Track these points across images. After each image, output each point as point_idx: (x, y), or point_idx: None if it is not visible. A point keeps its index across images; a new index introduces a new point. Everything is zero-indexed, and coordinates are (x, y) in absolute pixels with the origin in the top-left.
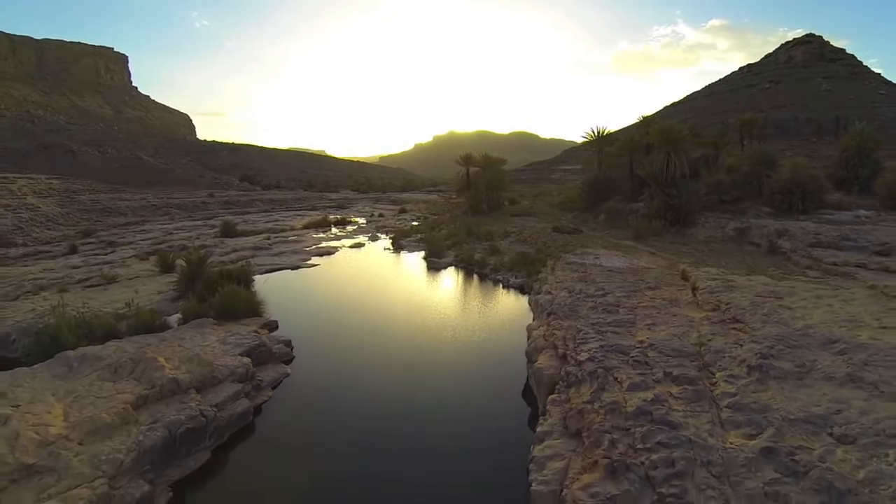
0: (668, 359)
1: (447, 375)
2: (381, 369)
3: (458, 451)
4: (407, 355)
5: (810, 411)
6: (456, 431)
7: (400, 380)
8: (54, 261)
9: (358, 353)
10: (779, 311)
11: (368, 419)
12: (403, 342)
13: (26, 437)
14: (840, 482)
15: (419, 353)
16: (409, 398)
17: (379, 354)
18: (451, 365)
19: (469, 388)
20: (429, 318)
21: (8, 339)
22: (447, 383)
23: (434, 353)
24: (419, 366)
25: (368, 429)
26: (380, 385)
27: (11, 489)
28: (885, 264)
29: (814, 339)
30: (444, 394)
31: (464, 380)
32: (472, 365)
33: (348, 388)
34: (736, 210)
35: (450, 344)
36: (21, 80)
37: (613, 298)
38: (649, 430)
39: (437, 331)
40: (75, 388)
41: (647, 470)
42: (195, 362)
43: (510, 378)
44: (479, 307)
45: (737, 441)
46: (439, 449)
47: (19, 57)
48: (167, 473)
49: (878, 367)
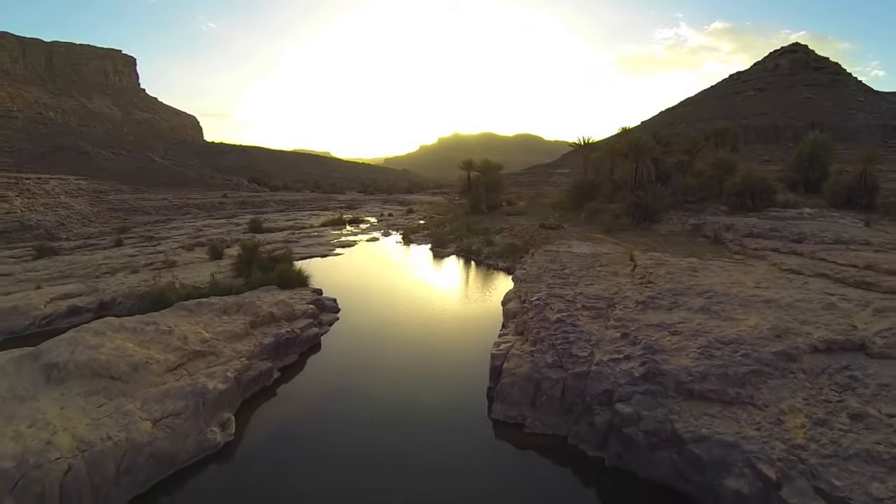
0: (589, 300)
1: (450, 319)
2: (403, 316)
3: (454, 352)
4: (421, 309)
5: (663, 322)
6: (455, 346)
7: (417, 323)
8: (106, 251)
9: (384, 307)
10: (685, 277)
11: (394, 343)
12: (417, 302)
13: (191, 337)
14: (657, 347)
15: (430, 307)
16: (424, 332)
17: (401, 308)
18: (453, 313)
19: (463, 324)
20: (436, 287)
21: (115, 302)
22: (450, 323)
23: (440, 307)
24: (430, 314)
25: (394, 348)
26: (402, 325)
27: (190, 362)
28: (794, 248)
29: (694, 291)
30: (447, 329)
31: (461, 320)
32: (467, 311)
33: (379, 327)
34: (698, 209)
35: (451, 302)
36: (31, 82)
37: (569, 271)
38: (560, 327)
39: (442, 294)
40: (202, 320)
41: (552, 341)
42: (281, 305)
43: (491, 318)
44: (473, 281)
45: (609, 333)
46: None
47: (29, 59)
48: (276, 362)
49: (724, 306)
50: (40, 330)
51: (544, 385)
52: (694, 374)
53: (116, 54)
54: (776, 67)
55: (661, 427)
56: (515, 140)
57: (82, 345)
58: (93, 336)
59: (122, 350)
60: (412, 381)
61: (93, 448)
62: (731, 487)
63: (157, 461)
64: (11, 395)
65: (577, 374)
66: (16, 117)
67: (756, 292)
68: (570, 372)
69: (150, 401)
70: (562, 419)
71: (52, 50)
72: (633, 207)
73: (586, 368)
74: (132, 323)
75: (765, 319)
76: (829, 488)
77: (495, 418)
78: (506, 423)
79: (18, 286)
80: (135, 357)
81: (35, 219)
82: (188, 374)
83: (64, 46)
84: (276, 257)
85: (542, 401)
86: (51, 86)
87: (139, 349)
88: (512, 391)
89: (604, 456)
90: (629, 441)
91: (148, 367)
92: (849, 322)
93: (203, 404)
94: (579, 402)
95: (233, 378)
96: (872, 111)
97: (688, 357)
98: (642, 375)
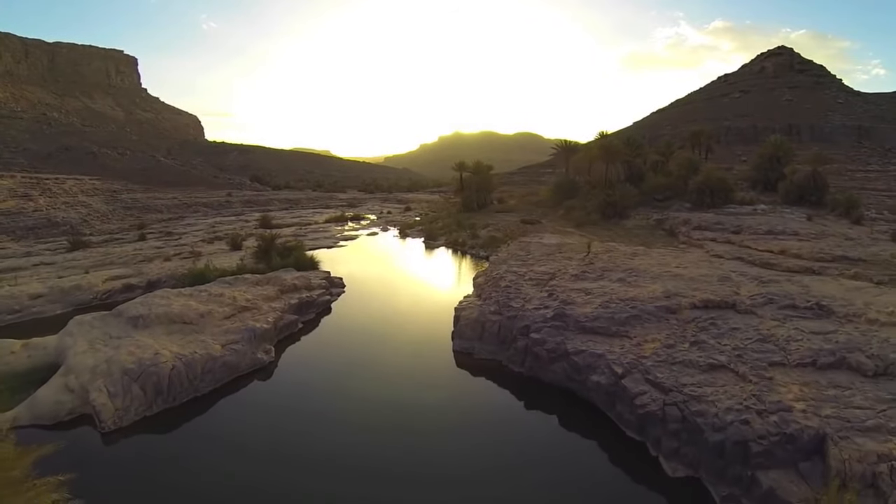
0: (536, 275)
1: (433, 291)
2: (396, 291)
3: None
4: (411, 286)
5: (584, 288)
6: (433, 308)
7: (407, 294)
8: (134, 244)
9: (381, 285)
10: (623, 260)
11: (388, 308)
12: (408, 281)
13: (238, 298)
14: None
15: (418, 285)
16: (411, 300)
17: (395, 286)
18: (435, 288)
19: (442, 295)
20: (424, 271)
21: (160, 281)
22: (432, 295)
23: (426, 284)
24: (418, 289)
25: (388, 311)
26: (395, 296)
27: (240, 314)
28: (729, 238)
29: (621, 269)
30: (430, 298)
31: (441, 292)
32: (446, 286)
33: (377, 298)
34: (665, 206)
35: (435, 280)
36: (34, 82)
37: (531, 257)
38: (506, 290)
39: (429, 276)
40: (241, 289)
41: (497, 298)
42: (301, 279)
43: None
44: (455, 266)
45: (541, 294)
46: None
47: (32, 60)
48: (299, 316)
49: (638, 278)
50: (101, 303)
51: (487, 325)
52: (589, 317)
53: (118, 54)
54: (762, 70)
55: (557, 347)
56: (516, 139)
57: (154, 305)
58: (160, 299)
59: (189, 306)
60: (401, 330)
61: (186, 357)
62: (595, 380)
63: (227, 368)
64: (108, 337)
65: (509, 317)
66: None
67: (672, 270)
68: (505, 316)
69: (217, 334)
70: (498, 348)
71: (54, 51)
72: (604, 205)
73: (516, 314)
74: (188, 291)
75: (664, 287)
76: (654, 378)
77: (455, 349)
78: (461, 352)
79: (67, 272)
80: (200, 309)
81: (60, 216)
82: (240, 321)
83: (66, 47)
84: (291, 247)
85: (485, 336)
86: (53, 86)
87: (201, 305)
88: (465, 330)
89: (522, 370)
90: (537, 357)
91: (211, 315)
92: (733, 290)
93: (253, 337)
94: (509, 336)
95: (271, 323)
96: (849, 113)
97: (589, 307)
98: (551, 317)
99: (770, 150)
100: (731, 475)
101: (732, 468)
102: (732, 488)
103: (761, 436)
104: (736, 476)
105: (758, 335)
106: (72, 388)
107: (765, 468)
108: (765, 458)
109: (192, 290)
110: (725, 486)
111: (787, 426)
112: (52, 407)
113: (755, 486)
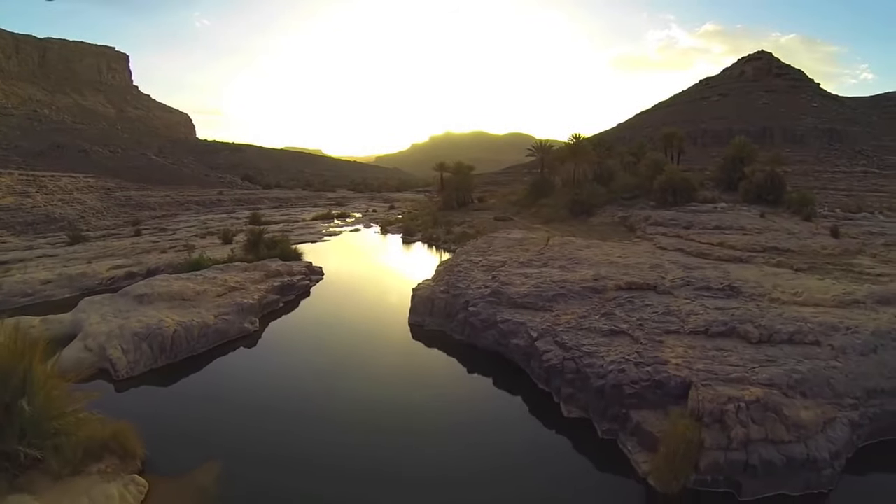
0: (488, 262)
1: (400, 278)
2: (369, 278)
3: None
4: (382, 273)
5: (525, 273)
6: (398, 290)
7: (377, 281)
8: (130, 239)
9: (357, 273)
10: (573, 251)
11: (360, 291)
12: (381, 270)
13: (229, 280)
14: (507, 283)
15: (389, 273)
16: (381, 286)
17: (368, 274)
18: (403, 275)
19: (408, 280)
20: (397, 262)
21: (159, 270)
22: (399, 281)
23: (396, 273)
24: (387, 277)
25: (360, 294)
26: (367, 282)
27: (230, 293)
28: (678, 233)
29: (565, 258)
30: (397, 283)
31: (407, 279)
32: (413, 273)
33: (351, 284)
34: (631, 204)
35: (405, 269)
36: (25, 78)
37: (491, 249)
38: (458, 275)
39: (400, 266)
40: (230, 273)
41: (448, 280)
42: (284, 266)
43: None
44: (425, 257)
45: (486, 278)
46: (390, 293)
47: (22, 56)
48: (281, 297)
49: (577, 265)
50: (106, 288)
51: (436, 302)
52: (520, 294)
53: (109, 51)
54: (741, 74)
55: (489, 318)
56: (507, 138)
57: (157, 285)
58: (161, 282)
59: (186, 286)
60: (368, 308)
61: (185, 323)
62: (515, 343)
63: (218, 334)
64: (118, 310)
65: (454, 295)
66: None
67: (613, 259)
68: (451, 294)
69: (210, 308)
70: (444, 320)
71: (45, 47)
72: (571, 203)
73: (460, 292)
74: (186, 275)
75: (596, 272)
76: (560, 340)
77: (409, 323)
78: (415, 325)
79: (71, 263)
80: (196, 289)
81: (58, 212)
82: (230, 298)
83: (57, 43)
84: (277, 240)
85: (434, 311)
86: (44, 83)
87: (197, 286)
88: (419, 307)
89: (462, 338)
90: (473, 327)
91: (206, 293)
92: (660, 275)
93: (241, 310)
94: (453, 310)
95: (256, 300)
96: (822, 116)
97: (523, 287)
98: (488, 295)
99: (733, 151)
100: (610, 414)
101: (612, 408)
102: (612, 424)
103: (633, 381)
104: (614, 414)
105: (665, 310)
106: (90, 349)
107: (637, 408)
108: (637, 399)
109: (189, 275)
110: (606, 423)
111: (657, 374)
112: (75, 363)
113: (627, 421)
